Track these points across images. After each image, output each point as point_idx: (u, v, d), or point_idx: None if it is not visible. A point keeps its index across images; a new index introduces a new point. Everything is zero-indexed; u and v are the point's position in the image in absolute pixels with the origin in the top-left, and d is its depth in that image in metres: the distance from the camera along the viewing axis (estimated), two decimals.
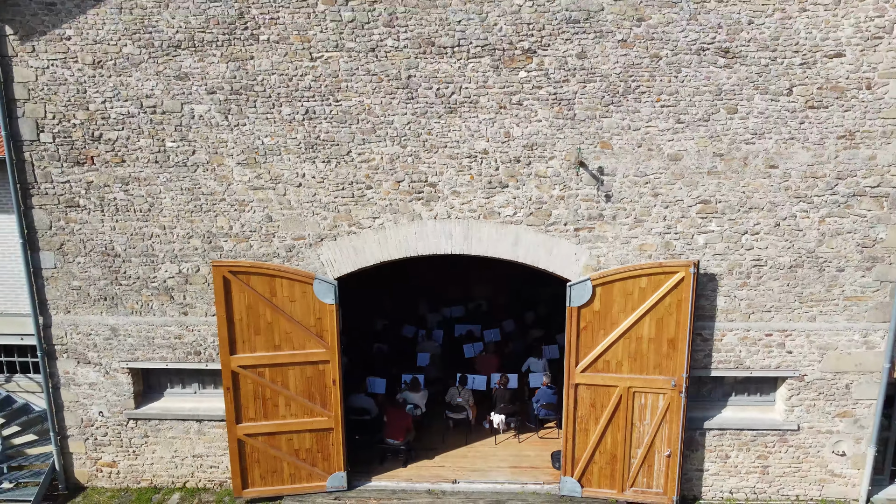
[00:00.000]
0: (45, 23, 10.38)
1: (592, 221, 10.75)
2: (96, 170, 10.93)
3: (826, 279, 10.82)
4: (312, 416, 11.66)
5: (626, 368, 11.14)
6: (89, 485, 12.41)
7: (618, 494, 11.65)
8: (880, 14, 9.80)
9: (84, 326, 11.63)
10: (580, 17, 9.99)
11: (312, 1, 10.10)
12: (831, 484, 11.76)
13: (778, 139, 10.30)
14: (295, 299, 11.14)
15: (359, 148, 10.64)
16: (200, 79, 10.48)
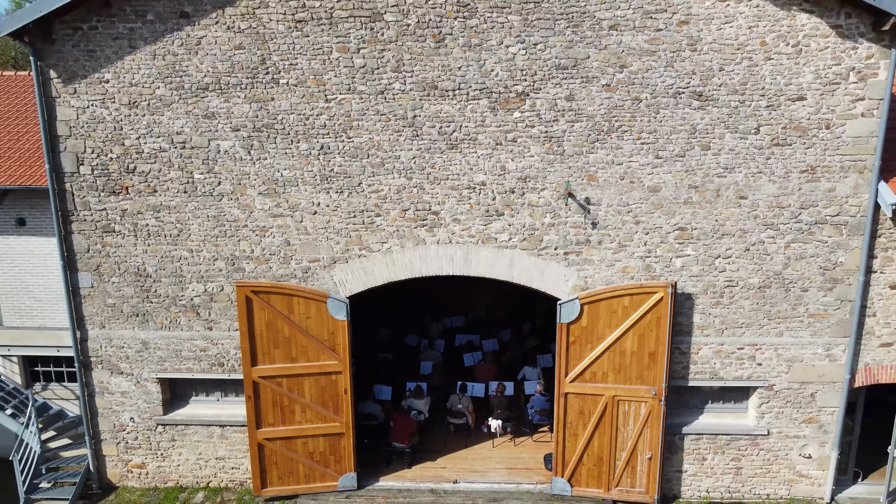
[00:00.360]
0: (86, 67, 11.50)
1: (580, 246, 11.87)
2: (130, 199, 12.06)
3: (792, 298, 11.95)
4: (326, 422, 12.78)
5: (611, 379, 12.26)
6: (120, 485, 13.54)
7: (604, 493, 12.77)
8: (837, 62, 10.92)
9: (117, 340, 12.76)
10: (568, 64, 11.12)
11: (328, 49, 11.23)
12: (799, 484, 12.88)
13: (747, 173, 11.43)
14: (310, 316, 12.27)
15: (369, 180, 11.77)
16: (226, 118, 11.61)
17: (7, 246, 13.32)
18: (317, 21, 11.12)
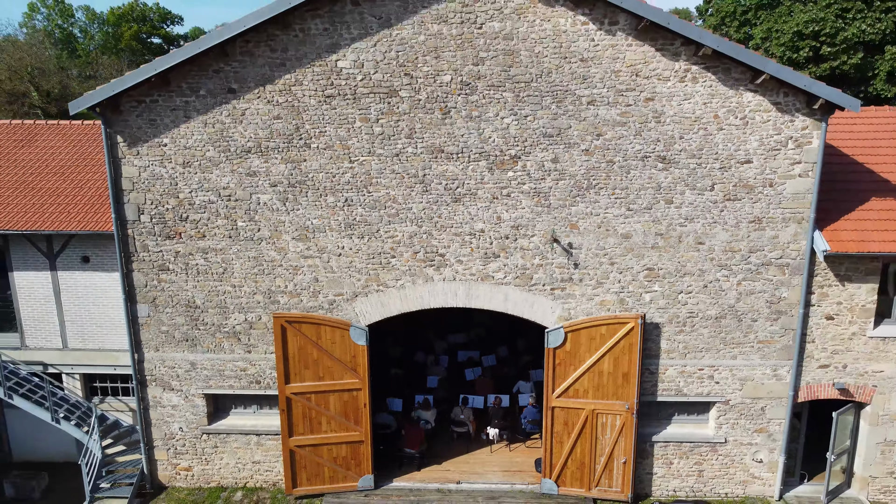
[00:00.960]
0: (148, 133, 13.67)
1: (564, 283, 14.03)
2: (183, 242, 14.22)
3: (743, 327, 14.11)
4: (347, 432, 14.94)
5: (591, 395, 14.42)
6: (170, 485, 15.69)
7: (585, 492, 14.93)
8: (778, 132, 13.09)
9: (169, 361, 14.92)
10: (553, 132, 13.28)
11: (352, 119, 13.39)
12: (752, 484, 15.05)
13: (704, 223, 13.59)
14: (335, 342, 14.43)
15: (385, 227, 13.93)
16: (265, 175, 13.77)
17: (73, 280, 15.46)
18: (343, 96, 13.29)
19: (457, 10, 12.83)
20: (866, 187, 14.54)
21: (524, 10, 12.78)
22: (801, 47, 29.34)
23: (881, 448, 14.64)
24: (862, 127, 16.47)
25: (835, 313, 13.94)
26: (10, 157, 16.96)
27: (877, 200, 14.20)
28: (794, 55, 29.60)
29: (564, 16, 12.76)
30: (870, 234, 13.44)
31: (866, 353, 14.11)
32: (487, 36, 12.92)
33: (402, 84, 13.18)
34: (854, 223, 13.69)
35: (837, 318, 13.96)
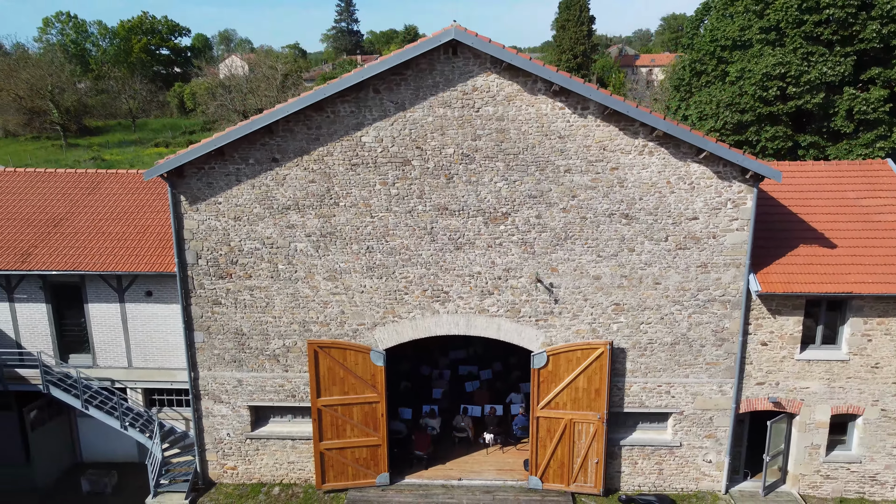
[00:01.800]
0: (205, 193, 16.73)
1: (546, 315, 17.09)
2: (232, 282, 17.28)
3: (694, 352, 17.17)
4: (367, 437, 18.00)
5: (569, 407, 17.47)
6: (218, 481, 18.75)
7: (565, 487, 17.99)
8: (719, 195, 16.15)
9: (220, 378, 17.98)
10: (537, 194, 16.35)
11: (373, 183, 16.46)
12: (703, 481, 18.11)
13: (660, 267, 16.65)
14: (358, 363, 17.49)
15: (400, 270, 16.99)
16: (301, 228, 16.83)
17: (138, 310, 18.52)
18: (365, 165, 16.36)
19: (458, 97, 15.91)
20: (797, 235, 17.61)
21: (513, 97, 15.85)
22: (770, 87, 32.36)
23: (808, 451, 17.70)
24: (801, 180, 19.57)
25: (768, 340, 17.01)
26: (80, 204, 20.04)
27: (804, 247, 17.28)
28: (764, 93, 32.63)
29: (545, 102, 15.83)
30: (795, 277, 16.50)
31: (795, 372, 17.18)
32: (483, 117, 15.99)
33: (414, 155, 16.25)
34: (783, 267, 16.76)
35: (770, 344, 17.03)
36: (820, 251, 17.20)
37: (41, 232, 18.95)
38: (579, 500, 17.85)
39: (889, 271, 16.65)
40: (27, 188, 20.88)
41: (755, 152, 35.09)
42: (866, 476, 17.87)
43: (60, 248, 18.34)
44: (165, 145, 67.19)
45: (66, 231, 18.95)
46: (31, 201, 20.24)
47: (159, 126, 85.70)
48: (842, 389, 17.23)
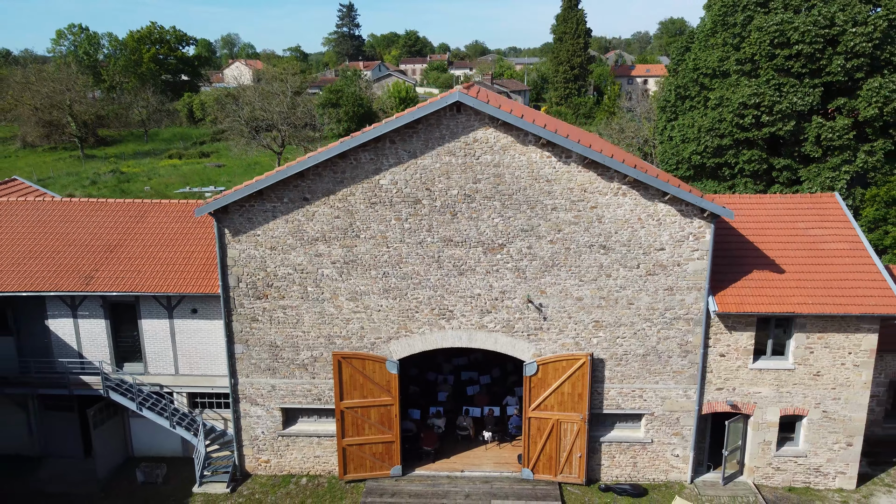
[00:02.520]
0: (246, 227, 19.67)
1: (536, 331, 20.03)
2: (268, 302, 20.22)
3: (662, 362, 20.11)
4: (383, 434, 20.93)
5: (556, 409, 20.41)
6: (254, 473, 21.68)
7: (553, 477, 20.92)
8: (682, 230, 19.08)
9: (256, 384, 20.92)
10: (528, 228, 19.28)
11: (389, 218, 19.40)
12: (672, 472, 21.05)
13: (633, 290, 19.59)
14: (375, 371, 20.43)
15: (411, 292, 19.93)
16: (328, 256, 19.76)
17: (185, 325, 21.45)
18: (382, 203, 19.30)
19: (461, 147, 18.86)
20: (751, 261, 20.55)
21: (507, 147, 18.79)
22: (746, 115, 35.29)
23: (761, 446, 20.65)
24: (758, 211, 22.52)
25: (725, 352, 19.95)
26: (132, 232, 22.98)
27: (757, 272, 20.22)
28: (741, 121, 35.56)
29: (535, 152, 18.78)
30: (747, 299, 19.43)
31: (748, 379, 20.13)
32: (482, 164, 18.93)
33: (424, 195, 19.19)
34: (737, 290, 19.70)
35: (727, 356, 19.98)
36: (770, 276, 20.14)
37: (100, 257, 21.88)
38: (565, 488, 20.79)
39: (828, 293, 19.57)
40: (82, 216, 23.81)
41: (734, 173, 38.09)
42: (811, 468, 20.82)
43: (118, 272, 21.27)
44: (178, 157, 70.12)
45: (121, 256, 21.88)
46: (87, 229, 23.17)
47: (169, 135, 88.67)
48: (789, 394, 20.18)
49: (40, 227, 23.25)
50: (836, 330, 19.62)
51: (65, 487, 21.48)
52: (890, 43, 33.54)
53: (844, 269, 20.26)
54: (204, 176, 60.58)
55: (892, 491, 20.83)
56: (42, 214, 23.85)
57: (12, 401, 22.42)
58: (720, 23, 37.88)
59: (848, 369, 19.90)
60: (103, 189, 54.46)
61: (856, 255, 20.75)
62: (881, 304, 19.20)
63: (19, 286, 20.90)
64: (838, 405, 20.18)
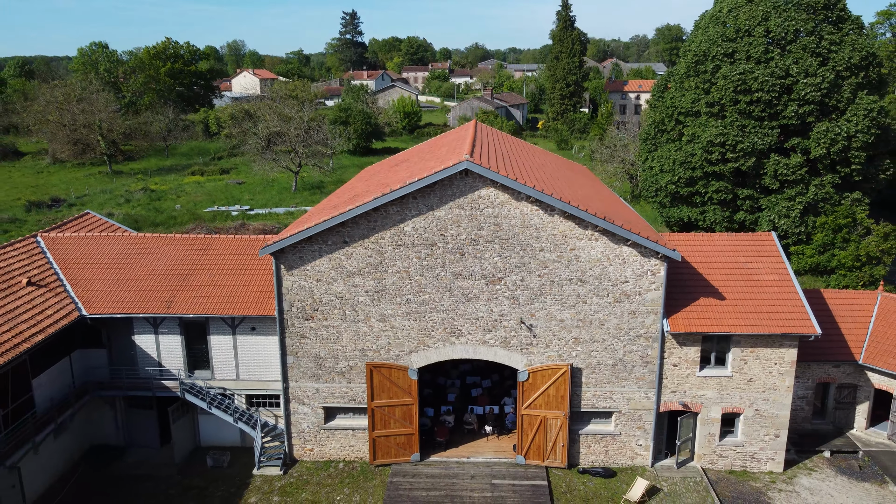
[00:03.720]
0: (297, 263, 24.89)
1: (528, 346, 25.25)
2: (314, 322, 25.43)
3: (628, 370, 25.32)
4: (404, 428, 26.15)
5: (543, 408, 25.62)
6: (300, 459, 26.90)
7: (541, 462, 26.14)
8: (642, 267, 24.30)
9: (303, 388, 26.14)
10: (521, 265, 24.50)
11: (411, 257, 24.61)
12: (636, 458, 26.28)
13: (604, 314, 24.81)
14: (399, 378, 25.65)
15: (428, 315, 25.15)
16: (362, 287, 24.98)
17: (245, 340, 26.65)
18: (406, 245, 24.51)
19: (469, 202, 24.06)
20: (699, 290, 25.76)
21: (505, 202, 23.99)
22: (713, 151, 40.52)
23: (707, 438, 25.87)
24: (708, 248, 27.74)
25: (677, 363, 25.17)
26: (199, 263, 28.18)
27: (703, 298, 25.43)
28: (709, 156, 40.79)
29: (527, 206, 23.98)
30: (694, 321, 24.64)
31: (696, 384, 25.34)
32: (485, 215, 24.14)
33: (439, 239, 24.39)
34: (686, 313, 24.91)
35: (679, 365, 25.19)
36: (713, 301, 25.36)
37: (175, 285, 27.09)
38: (551, 471, 26.01)
39: (758, 317, 24.78)
40: (157, 249, 29.02)
41: (705, 200, 43.32)
42: (747, 455, 26.05)
43: (191, 298, 26.48)
44: (201, 173, 75.25)
45: (193, 284, 27.09)
46: (162, 261, 28.37)
47: (187, 150, 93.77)
48: (728, 396, 25.40)
49: (124, 258, 28.46)
50: (764, 345, 24.85)
51: (148, 470, 26.70)
52: (836, 92, 38.78)
53: (773, 297, 25.49)
54: (227, 193, 65.75)
55: (811, 473, 26.07)
56: (124, 248, 29.07)
57: (104, 401, 27.63)
58: (693, 69, 43.11)
59: (774, 376, 25.14)
60: (137, 207, 59.62)
61: (783, 285, 25.99)
62: (799, 325, 24.42)
63: (113, 309, 26.12)
64: (767, 405, 25.42)
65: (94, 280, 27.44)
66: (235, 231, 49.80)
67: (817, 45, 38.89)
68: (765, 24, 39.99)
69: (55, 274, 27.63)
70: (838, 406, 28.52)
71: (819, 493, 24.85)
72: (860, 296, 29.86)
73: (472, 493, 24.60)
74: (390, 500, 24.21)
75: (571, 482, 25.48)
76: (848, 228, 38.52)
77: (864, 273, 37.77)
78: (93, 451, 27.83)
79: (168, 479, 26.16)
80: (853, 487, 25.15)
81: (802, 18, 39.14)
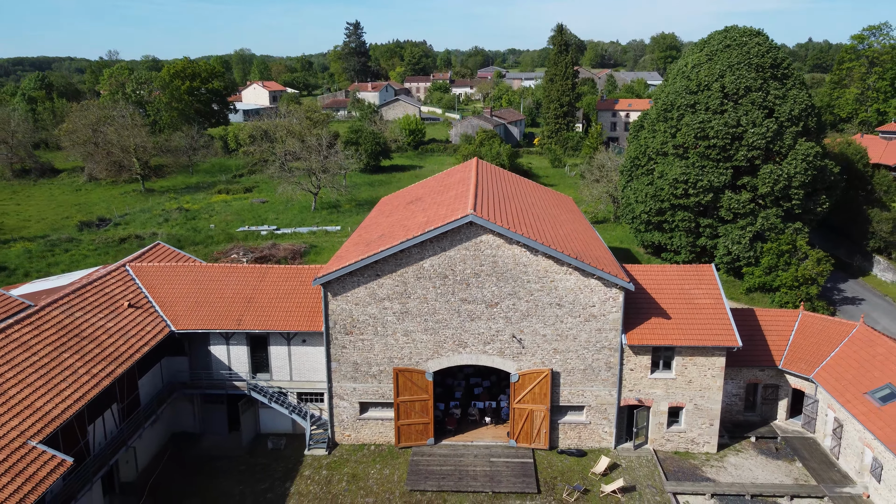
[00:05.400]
0: (341, 290, 32.35)
1: (518, 354, 32.71)
2: (352, 336, 32.90)
3: (596, 373, 32.79)
4: (422, 419, 33.62)
5: (530, 402, 33.08)
6: (341, 443, 34.35)
7: (529, 445, 33.61)
8: (605, 294, 31.76)
9: (343, 387, 33.60)
10: (513, 293, 31.96)
11: (428, 287, 32.06)
12: (602, 442, 33.75)
13: (577, 330, 32.28)
14: (418, 380, 33.11)
15: (441, 331, 32.62)
16: (390, 309, 32.44)
17: (297, 349, 34.09)
18: (424, 278, 31.98)
19: (472, 245, 31.52)
20: (651, 311, 33.21)
21: (500, 245, 31.47)
22: (678, 187, 47.98)
23: (657, 426, 33.34)
24: (659, 277, 35.23)
25: (633, 367, 32.64)
26: (259, 289, 35.60)
27: (654, 318, 32.89)
28: (675, 191, 48.24)
29: (517, 248, 31.44)
30: (646, 335, 32.10)
31: (648, 384, 32.81)
32: (485, 255, 31.61)
33: (449, 273, 31.85)
34: (640, 329, 32.36)
35: (635, 370, 32.66)
36: (662, 320, 32.81)
37: (242, 306, 34.53)
38: (536, 452, 33.48)
39: (696, 332, 32.21)
40: (224, 276, 36.45)
41: (672, 228, 50.79)
42: (689, 439, 33.52)
43: (256, 316, 33.92)
44: (227, 192, 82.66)
45: (256, 306, 34.53)
46: (229, 286, 35.79)
47: (209, 167, 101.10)
48: (673, 393, 32.86)
49: (199, 284, 35.91)
50: (700, 354, 32.34)
51: (221, 452, 34.15)
52: (779, 139, 46.27)
53: (708, 317, 32.97)
54: (253, 212, 73.15)
55: (738, 453, 33.53)
56: (198, 275, 36.53)
57: (185, 397, 35.09)
58: (662, 115, 50.61)
59: (708, 378, 32.61)
60: (175, 227, 67.01)
61: (717, 307, 33.46)
62: (726, 339, 31.89)
63: (195, 326, 33.57)
64: (703, 400, 32.89)
65: (177, 302, 34.90)
66: (269, 249, 57.22)
67: (764, 100, 46.36)
68: (721, 80, 47.46)
69: (146, 298, 35.09)
70: (764, 402, 35.99)
71: (742, 467, 32.35)
72: (785, 314, 37.35)
73: (475, 468, 32.09)
74: (413, 473, 31.69)
75: (551, 460, 32.96)
76: (789, 253, 45.99)
77: (802, 291, 45.24)
78: (175, 437, 35.29)
79: (238, 459, 33.60)
80: (769, 464, 32.65)
81: (752, 77, 46.61)
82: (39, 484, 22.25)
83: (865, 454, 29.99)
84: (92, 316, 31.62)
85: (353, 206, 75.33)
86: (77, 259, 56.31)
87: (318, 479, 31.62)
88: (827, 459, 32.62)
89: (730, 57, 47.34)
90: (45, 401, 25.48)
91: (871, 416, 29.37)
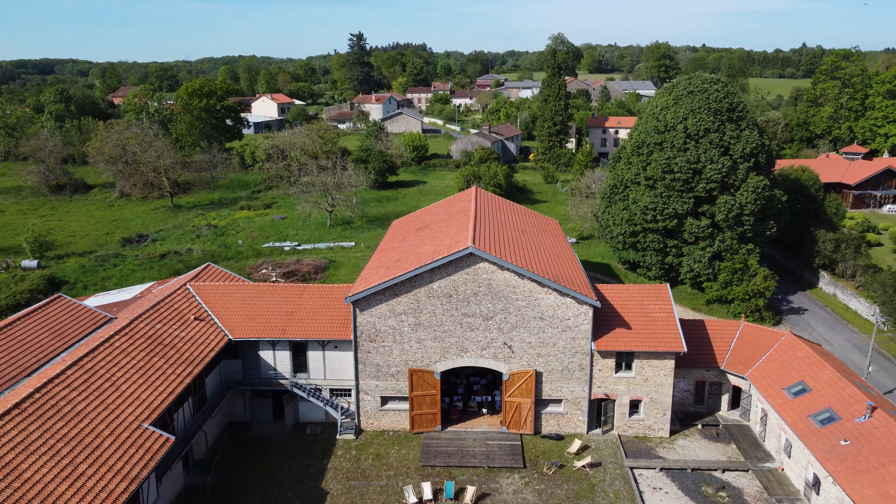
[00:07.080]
0: (366, 307, 40.43)
1: (509, 358, 40.76)
2: (375, 343, 40.97)
3: (571, 373, 40.84)
4: (431, 410, 41.68)
5: (519, 396, 41.12)
6: (365, 430, 42.39)
7: (517, 431, 41.64)
8: (578, 309, 39.83)
9: (368, 384, 41.66)
10: (503, 309, 40.03)
11: (437, 303, 40.15)
12: (577, 428, 41.80)
13: (556, 339, 40.34)
14: (428, 378, 41.17)
15: (447, 339, 40.69)
16: (406, 322, 40.51)
17: (330, 354, 42.10)
18: (434, 297, 40.05)
19: (472, 271, 39.57)
20: (615, 323, 41.26)
21: (494, 271, 39.54)
22: (647, 214, 56.00)
23: (621, 415, 41.39)
24: (623, 294, 43.30)
25: (601, 368, 40.72)
26: (298, 304, 43.62)
27: (618, 328, 40.94)
28: (645, 217, 56.26)
29: (507, 273, 39.50)
30: (611, 342, 40.16)
31: (613, 382, 40.88)
32: (482, 279, 39.67)
33: (453, 293, 39.92)
34: (607, 337, 40.41)
35: (602, 370, 40.74)
36: (625, 330, 40.82)
37: (284, 319, 42.56)
38: (523, 436, 41.54)
39: (651, 340, 40.22)
40: (268, 294, 44.48)
41: (644, 247, 58.86)
42: (646, 426, 41.60)
43: (297, 327, 41.95)
44: (248, 208, 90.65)
45: (296, 318, 42.56)
46: (273, 302, 43.80)
47: (228, 182, 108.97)
48: (633, 389, 40.91)
49: (248, 300, 43.97)
50: (654, 358, 40.42)
51: (268, 437, 42.20)
52: (733, 174, 54.33)
53: (661, 328, 41.03)
54: (274, 228, 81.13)
55: (686, 437, 41.60)
56: (247, 293, 44.60)
57: (238, 393, 43.14)
58: (635, 151, 58.69)
59: (661, 377, 40.69)
60: (207, 242, 74.93)
61: (669, 320, 41.51)
62: (674, 345, 39.95)
63: (248, 335, 41.64)
64: (657, 395, 40.97)
65: (232, 315, 42.95)
66: (294, 265, 65.25)
67: (721, 140, 54.43)
68: (684, 122, 55.54)
69: (206, 312, 43.15)
70: (710, 396, 44.05)
71: (687, 448, 40.43)
72: (729, 324, 45.43)
73: (474, 449, 40.17)
74: (424, 453, 39.74)
75: (535, 442, 41.04)
76: (742, 271, 54.04)
77: (752, 303, 53.31)
78: (229, 425, 43.36)
79: (282, 442, 41.68)
80: (709, 446, 40.73)
81: (711, 119, 54.68)
82: (155, 455, 30.30)
83: (781, 437, 38.09)
84: (168, 327, 39.70)
85: (365, 222, 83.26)
86: (126, 273, 64.23)
87: (349, 458, 39.69)
88: (756, 442, 40.72)
89: (692, 102, 55.36)
90: (148, 394, 33.55)
91: (784, 406, 37.46)
